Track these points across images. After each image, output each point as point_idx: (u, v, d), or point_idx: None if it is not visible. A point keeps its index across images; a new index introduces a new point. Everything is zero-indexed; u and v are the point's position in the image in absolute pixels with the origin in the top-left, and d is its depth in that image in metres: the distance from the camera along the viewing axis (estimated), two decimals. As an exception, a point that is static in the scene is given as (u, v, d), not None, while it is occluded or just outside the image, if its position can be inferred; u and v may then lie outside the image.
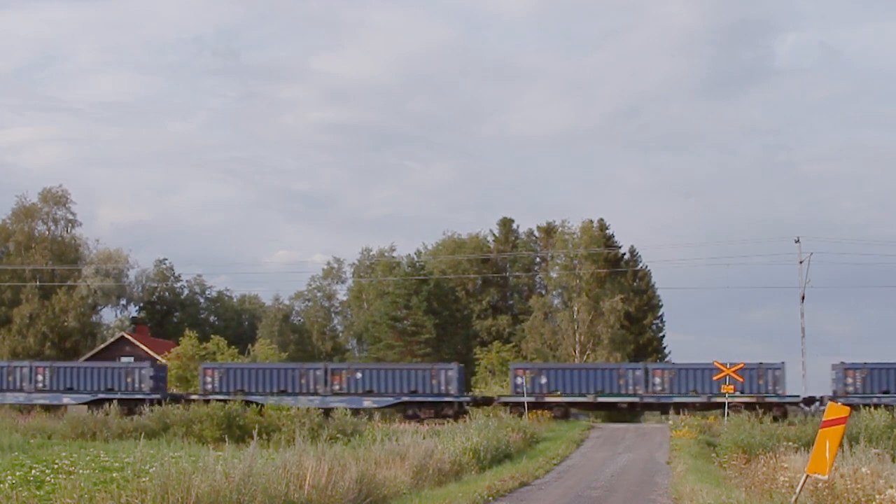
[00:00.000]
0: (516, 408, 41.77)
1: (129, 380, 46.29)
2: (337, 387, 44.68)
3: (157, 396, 44.71)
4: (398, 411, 44.38)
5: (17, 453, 23.93)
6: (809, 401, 42.91)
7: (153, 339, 68.49)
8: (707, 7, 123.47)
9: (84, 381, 46.73)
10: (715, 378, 41.42)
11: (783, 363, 42.48)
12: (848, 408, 13.68)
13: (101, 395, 45.34)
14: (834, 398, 41.41)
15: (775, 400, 41.74)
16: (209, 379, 45.77)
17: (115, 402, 38.73)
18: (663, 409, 44.60)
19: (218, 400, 37.32)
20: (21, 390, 47.09)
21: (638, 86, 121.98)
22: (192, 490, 12.67)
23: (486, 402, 44.98)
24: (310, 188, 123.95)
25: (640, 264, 66.66)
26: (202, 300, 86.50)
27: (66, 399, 46.34)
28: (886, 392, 40.97)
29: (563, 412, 43.56)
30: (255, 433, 17.00)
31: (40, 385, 46.86)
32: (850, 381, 41.50)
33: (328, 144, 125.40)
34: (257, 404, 38.53)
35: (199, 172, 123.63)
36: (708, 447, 29.95)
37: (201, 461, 14.19)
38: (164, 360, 55.46)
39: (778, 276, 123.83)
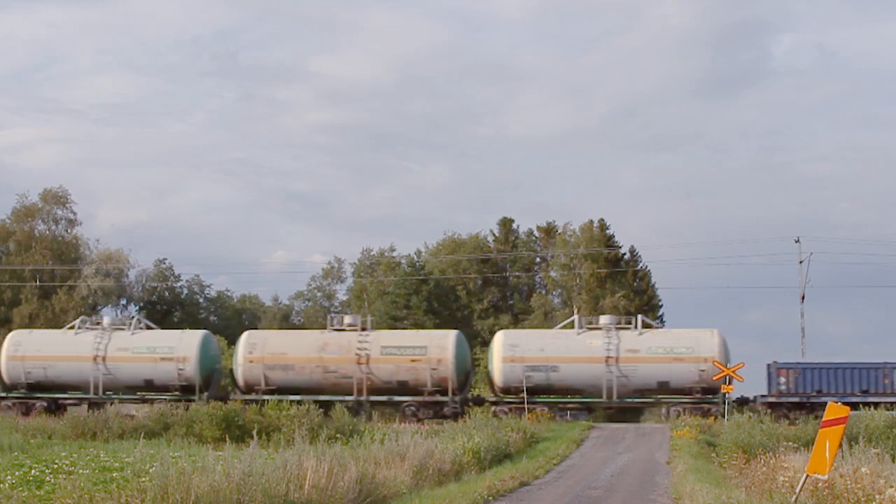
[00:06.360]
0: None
1: None
2: None
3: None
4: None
5: (17, 453, 23.90)
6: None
7: (153, 339, 68.31)
8: (703, 8, 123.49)
9: None
10: (714, 378, 41.45)
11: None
12: (848, 408, 13.70)
13: None
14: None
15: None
16: None
17: None
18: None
19: None
20: None
21: (635, 87, 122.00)
22: (192, 490, 12.68)
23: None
24: (309, 189, 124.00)
25: (640, 264, 66.70)
26: (202, 300, 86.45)
27: None
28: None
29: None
30: (254, 433, 17.02)
31: None
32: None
33: (327, 145, 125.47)
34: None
35: (198, 173, 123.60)
36: (708, 447, 29.96)
37: (201, 461, 14.19)
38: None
39: (778, 276, 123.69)
